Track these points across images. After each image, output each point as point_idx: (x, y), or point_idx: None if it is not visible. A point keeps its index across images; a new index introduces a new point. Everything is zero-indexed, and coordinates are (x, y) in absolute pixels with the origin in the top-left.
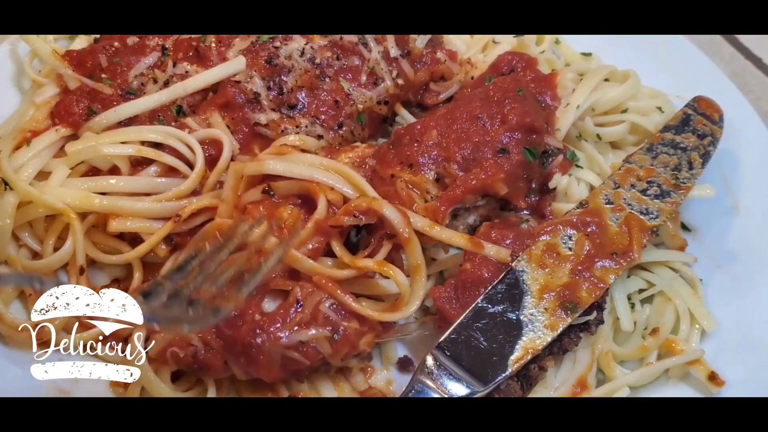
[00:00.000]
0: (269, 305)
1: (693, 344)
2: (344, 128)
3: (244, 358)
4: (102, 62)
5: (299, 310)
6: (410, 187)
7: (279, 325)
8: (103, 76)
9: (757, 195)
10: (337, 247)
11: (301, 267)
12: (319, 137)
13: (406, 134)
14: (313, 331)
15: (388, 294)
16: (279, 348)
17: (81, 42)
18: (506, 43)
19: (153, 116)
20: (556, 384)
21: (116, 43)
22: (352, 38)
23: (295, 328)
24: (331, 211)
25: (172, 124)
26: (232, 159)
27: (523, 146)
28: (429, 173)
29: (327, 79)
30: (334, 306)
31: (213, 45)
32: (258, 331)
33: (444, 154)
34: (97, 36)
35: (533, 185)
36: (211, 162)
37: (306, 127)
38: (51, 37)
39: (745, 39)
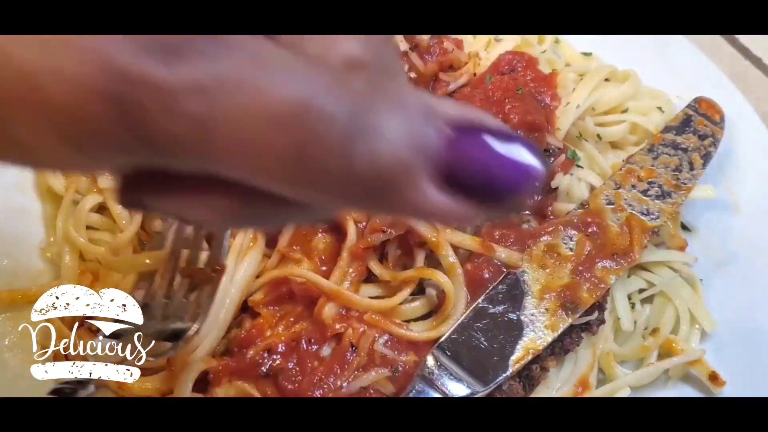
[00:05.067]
0: (325, 350)
1: (693, 344)
2: None
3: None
4: None
5: (354, 353)
6: None
7: (337, 373)
8: None
9: (758, 195)
10: (375, 267)
11: (358, 306)
12: None
13: None
14: (373, 374)
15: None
16: (341, 397)
17: None
18: (509, 40)
19: None
20: (557, 384)
21: None
22: None
23: (354, 374)
24: (357, 228)
25: None
26: None
27: None
28: None
29: None
30: (388, 343)
31: None
32: (317, 382)
33: None
34: None
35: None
36: None
37: None
38: None
39: (746, 39)
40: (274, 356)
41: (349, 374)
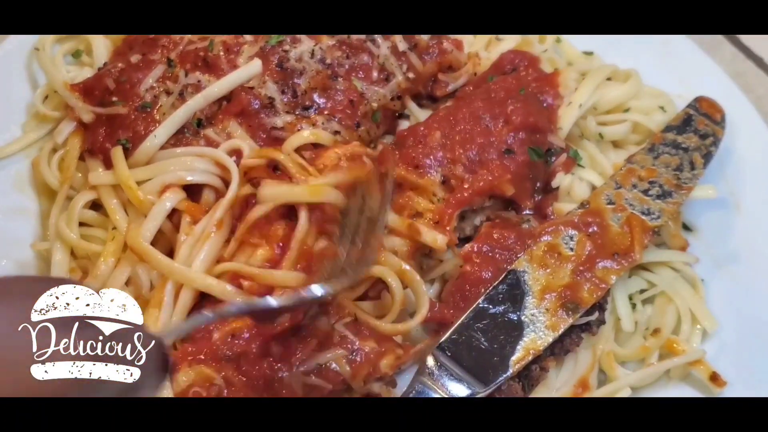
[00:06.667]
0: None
1: (694, 344)
2: (361, 128)
3: (267, 392)
4: (109, 85)
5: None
6: (413, 189)
7: (298, 353)
8: (114, 99)
9: (759, 195)
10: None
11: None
12: (336, 132)
13: (409, 136)
14: (330, 354)
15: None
16: (299, 376)
17: (85, 73)
18: (510, 39)
19: (180, 131)
20: (557, 384)
21: (119, 65)
22: (360, 36)
23: (311, 351)
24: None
25: (187, 135)
26: None
27: (527, 146)
28: (435, 175)
29: (339, 79)
30: (348, 324)
31: (221, 53)
32: (279, 364)
33: (449, 155)
34: (100, 65)
35: (537, 184)
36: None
37: (322, 124)
38: (63, 68)
39: (747, 39)
40: (237, 341)
41: (307, 353)
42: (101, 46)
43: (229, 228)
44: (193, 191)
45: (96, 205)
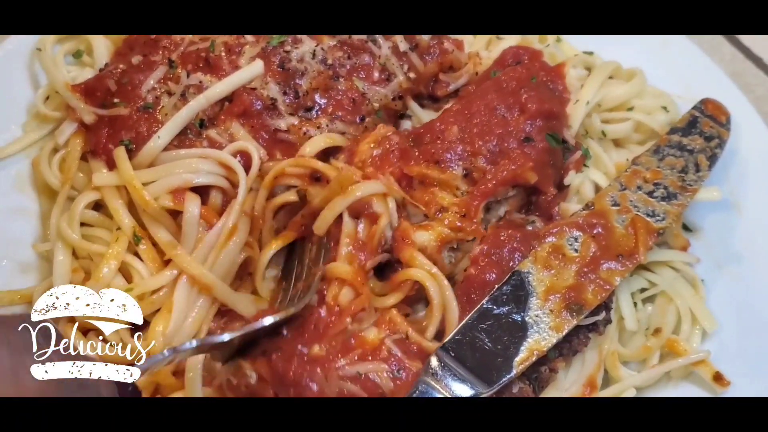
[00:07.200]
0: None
1: (694, 344)
2: (367, 120)
3: (294, 389)
4: (111, 86)
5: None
6: (436, 185)
7: (339, 357)
8: (116, 100)
9: (759, 195)
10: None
11: (377, 303)
12: (343, 133)
13: (426, 132)
14: (372, 365)
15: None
16: (334, 379)
17: (86, 73)
18: (510, 39)
19: (182, 132)
20: (566, 385)
21: (121, 66)
22: (361, 36)
23: (355, 358)
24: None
25: (190, 136)
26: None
27: (545, 133)
28: (457, 169)
29: (341, 79)
30: (397, 341)
31: (223, 54)
32: (312, 365)
33: (469, 149)
34: (101, 66)
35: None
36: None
37: (327, 126)
38: (64, 69)
39: (746, 39)
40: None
41: (349, 360)
42: (102, 46)
43: (246, 231)
44: (198, 192)
45: (97, 206)
